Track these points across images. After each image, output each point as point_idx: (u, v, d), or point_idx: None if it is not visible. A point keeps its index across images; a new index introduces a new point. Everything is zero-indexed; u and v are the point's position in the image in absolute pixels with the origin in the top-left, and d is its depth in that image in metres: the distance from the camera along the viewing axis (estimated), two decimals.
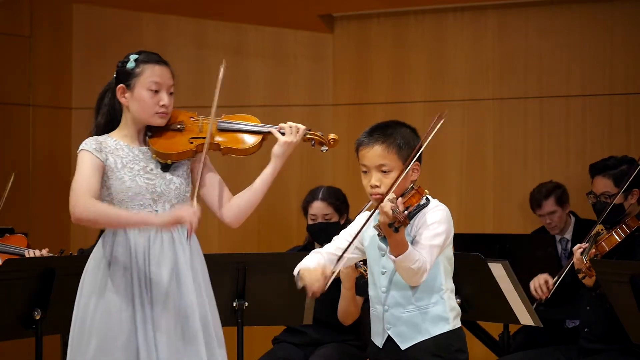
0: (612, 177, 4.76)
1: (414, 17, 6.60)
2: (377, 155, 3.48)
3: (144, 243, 3.50)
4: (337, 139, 3.76)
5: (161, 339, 3.46)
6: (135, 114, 3.57)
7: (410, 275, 3.38)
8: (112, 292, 3.47)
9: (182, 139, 3.62)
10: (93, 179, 3.47)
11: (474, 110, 6.37)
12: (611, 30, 6.15)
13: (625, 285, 4.03)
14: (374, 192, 3.48)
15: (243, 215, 3.71)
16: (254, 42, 6.90)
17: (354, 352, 5.02)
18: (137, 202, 3.51)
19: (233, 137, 3.68)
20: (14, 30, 6.72)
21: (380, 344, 3.55)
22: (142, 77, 3.56)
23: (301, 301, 4.50)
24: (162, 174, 3.57)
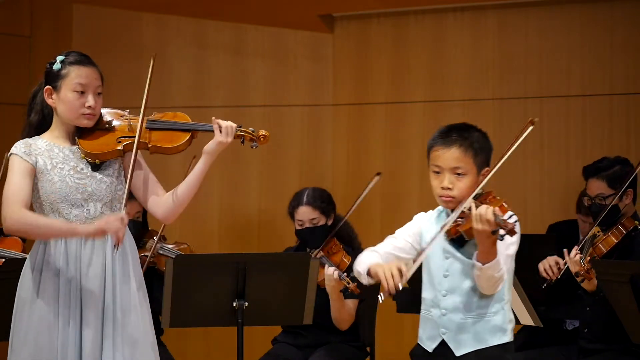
0: (606, 179, 4.76)
1: (414, 17, 6.59)
2: (454, 157, 3.45)
3: (76, 246, 3.53)
4: (268, 135, 3.73)
5: (87, 335, 3.47)
6: (62, 115, 3.60)
7: (491, 284, 3.35)
8: (43, 298, 3.50)
9: (110, 138, 3.63)
10: (24, 186, 3.50)
11: (474, 110, 6.36)
12: (611, 30, 6.15)
13: (625, 285, 4.03)
14: (445, 194, 3.44)
15: (175, 212, 3.69)
16: (254, 42, 6.90)
17: (353, 353, 5.02)
18: (68, 203, 3.53)
19: (161, 136, 3.68)
20: (14, 30, 6.71)
21: (431, 348, 3.47)
22: (68, 78, 3.58)
23: (301, 301, 4.50)
24: (92, 174, 3.59)
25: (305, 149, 6.73)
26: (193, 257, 4.80)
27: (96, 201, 3.55)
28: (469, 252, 3.43)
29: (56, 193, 3.53)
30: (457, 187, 3.44)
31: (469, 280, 3.43)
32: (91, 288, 3.51)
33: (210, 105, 6.72)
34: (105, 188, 3.58)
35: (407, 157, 6.55)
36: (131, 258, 3.62)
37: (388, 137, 6.65)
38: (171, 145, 3.67)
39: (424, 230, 3.54)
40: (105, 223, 3.43)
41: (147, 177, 3.68)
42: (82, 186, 3.55)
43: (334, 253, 4.86)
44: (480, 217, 3.25)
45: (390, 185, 6.57)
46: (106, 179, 3.59)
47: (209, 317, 4.49)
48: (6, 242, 4.79)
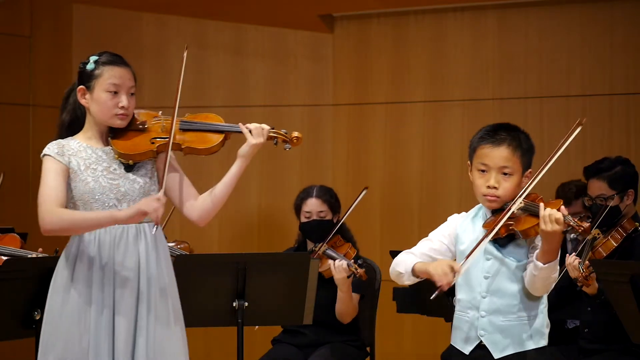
0: (607, 179, 4.74)
1: (414, 17, 6.60)
2: (503, 157, 3.43)
3: (110, 241, 3.53)
4: (301, 137, 3.74)
5: (121, 323, 3.48)
6: (96, 116, 3.59)
7: (546, 285, 3.34)
8: (76, 292, 3.51)
9: (143, 139, 3.62)
10: (58, 187, 3.50)
11: (474, 110, 6.36)
12: (611, 30, 6.15)
13: (625, 285, 4.02)
14: (490, 194, 3.42)
15: (209, 214, 3.70)
16: (254, 42, 6.90)
17: (353, 353, 5.02)
18: (102, 203, 3.53)
19: (195, 137, 3.66)
20: (14, 30, 6.71)
21: (467, 350, 3.43)
22: (101, 78, 3.57)
23: (301, 301, 4.50)
24: (125, 174, 3.58)
25: (305, 149, 6.73)
26: (193, 257, 4.80)
27: (129, 201, 3.55)
28: (512, 253, 3.41)
29: (89, 193, 3.52)
30: (503, 187, 3.42)
31: (511, 281, 3.40)
32: (125, 274, 3.51)
33: (210, 105, 6.72)
34: (139, 189, 3.58)
35: (407, 157, 6.56)
36: (163, 256, 3.62)
37: (388, 137, 6.65)
38: (205, 147, 3.65)
39: (460, 231, 3.51)
40: (144, 204, 3.44)
41: (181, 179, 3.67)
42: (115, 187, 3.55)
43: (339, 246, 4.88)
44: (550, 218, 3.23)
45: (390, 185, 6.57)
46: (139, 179, 3.59)
47: (209, 317, 4.48)
48: (5, 240, 4.79)
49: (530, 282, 3.36)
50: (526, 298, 3.40)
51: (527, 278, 3.37)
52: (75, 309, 3.50)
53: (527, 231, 3.34)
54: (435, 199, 6.36)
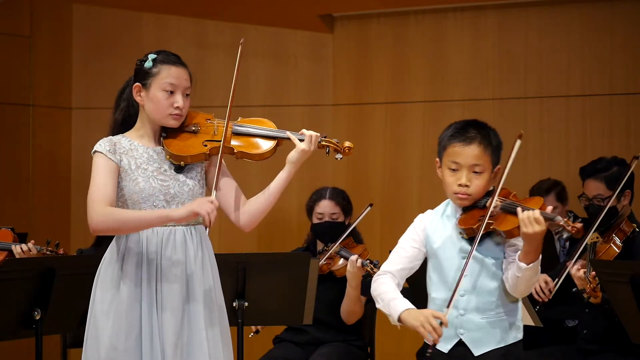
0: (604, 180, 4.73)
1: (414, 17, 6.60)
2: (474, 155, 3.42)
3: (157, 242, 3.51)
4: (352, 147, 3.72)
5: (168, 320, 3.47)
6: (150, 114, 3.57)
7: (530, 286, 3.36)
8: (125, 287, 3.49)
9: (196, 141, 3.60)
10: (108, 185, 3.47)
11: (474, 110, 6.36)
12: (611, 30, 6.15)
13: (625, 285, 4.02)
14: (462, 192, 3.43)
15: (256, 220, 3.69)
16: (254, 42, 6.90)
17: (355, 352, 5.02)
18: (151, 203, 3.51)
19: (248, 142, 3.65)
20: (14, 30, 6.72)
21: (446, 349, 3.43)
22: (158, 77, 3.55)
23: (301, 301, 4.50)
24: (175, 176, 3.56)
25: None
26: None
27: (177, 203, 3.53)
28: (489, 250, 3.41)
29: (139, 193, 3.50)
30: (474, 185, 3.43)
31: (488, 279, 3.41)
32: (173, 273, 3.50)
33: (210, 105, 6.70)
34: (188, 191, 3.56)
35: (407, 157, 6.56)
36: (209, 258, 3.62)
37: (388, 137, 6.65)
38: (257, 152, 3.64)
39: (431, 231, 3.51)
40: (197, 205, 3.41)
41: (231, 184, 3.65)
42: (165, 188, 3.53)
43: (352, 247, 4.89)
44: (530, 220, 3.24)
45: (390, 185, 6.57)
46: (189, 181, 3.57)
47: None
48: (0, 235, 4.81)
49: (513, 284, 3.36)
50: (503, 294, 3.42)
51: (510, 280, 3.37)
52: (124, 304, 3.48)
53: (511, 231, 3.35)
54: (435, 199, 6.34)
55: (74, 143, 6.98)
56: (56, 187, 6.87)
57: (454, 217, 3.50)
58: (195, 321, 3.52)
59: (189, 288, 3.53)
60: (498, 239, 3.42)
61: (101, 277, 3.55)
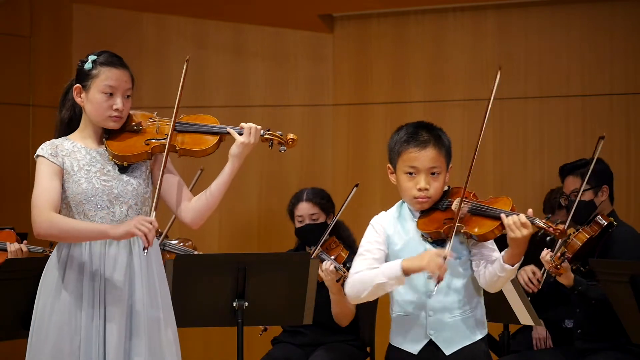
0: (580, 175, 4.75)
1: (414, 17, 6.60)
2: (430, 158, 3.44)
3: (100, 247, 3.52)
4: (296, 139, 3.69)
5: (111, 329, 3.47)
6: (90, 115, 3.57)
7: (505, 283, 3.43)
8: (67, 294, 3.49)
9: (138, 140, 3.59)
10: (52, 189, 3.48)
11: (474, 110, 6.36)
12: (611, 30, 6.15)
13: (625, 285, 4.03)
14: (422, 195, 3.44)
15: (202, 216, 3.67)
16: (254, 42, 6.90)
17: (353, 352, 5.02)
18: (94, 204, 3.51)
19: (190, 138, 3.63)
20: (14, 30, 6.71)
21: (415, 350, 3.45)
22: (98, 79, 3.54)
23: (301, 301, 4.50)
24: (119, 176, 3.56)
25: (305, 149, 6.73)
26: (193, 257, 4.81)
27: (122, 203, 3.53)
28: (454, 250, 3.41)
29: (82, 194, 3.50)
30: (434, 187, 3.46)
31: (454, 278, 3.44)
32: (116, 284, 3.49)
33: (210, 105, 6.72)
34: (132, 190, 3.56)
35: None
36: (154, 256, 3.60)
37: (388, 137, 6.62)
38: (200, 149, 3.62)
39: (391, 233, 3.51)
40: (134, 225, 3.39)
41: (176, 181, 3.64)
42: (108, 188, 3.53)
43: (332, 249, 4.87)
44: (516, 225, 3.27)
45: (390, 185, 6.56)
46: (133, 181, 3.57)
47: (209, 317, 4.49)
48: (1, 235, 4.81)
49: (491, 282, 3.40)
50: (468, 292, 3.45)
51: (487, 278, 3.40)
52: (66, 310, 3.48)
53: (485, 235, 3.37)
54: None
55: None
56: None
57: (411, 220, 3.51)
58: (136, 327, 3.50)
59: (131, 292, 3.51)
60: (462, 239, 3.44)
61: (45, 281, 3.56)
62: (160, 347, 3.54)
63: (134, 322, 3.51)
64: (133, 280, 3.53)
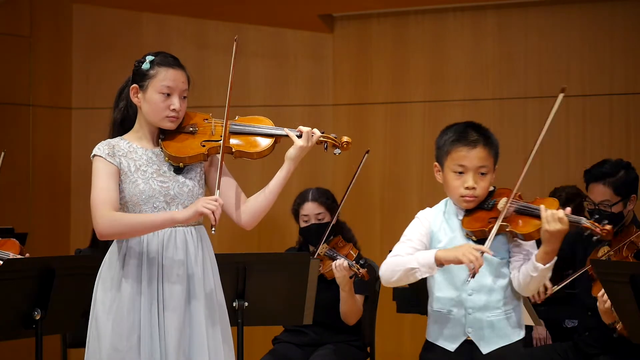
0: (612, 185, 4.60)
1: (414, 17, 6.60)
2: (480, 157, 3.48)
3: (158, 243, 3.52)
4: (350, 142, 3.74)
5: (170, 320, 3.48)
6: (147, 116, 3.57)
7: (540, 284, 3.42)
8: (125, 288, 3.49)
9: (194, 142, 3.60)
10: (111, 188, 3.48)
11: (474, 110, 6.36)
12: (611, 30, 6.15)
13: (625, 285, 4.02)
14: (469, 194, 3.47)
15: (257, 218, 3.69)
16: (254, 42, 6.90)
17: (354, 352, 5.02)
18: (151, 205, 3.52)
19: (246, 140, 3.64)
20: (14, 30, 6.72)
21: (452, 347, 3.48)
22: (155, 79, 3.55)
23: (301, 301, 4.50)
24: (175, 177, 3.56)
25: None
26: None
27: (177, 204, 3.53)
28: (495, 250, 3.43)
29: (139, 195, 3.50)
30: (481, 187, 3.48)
31: (495, 277, 3.45)
32: (174, 273, 3.50)
33: (210, 105, 6.71)
34: (187, 192, 3.56)
35: (407, 157, 6.56)
36: (209, 258, 3.62)
37: (388, 137, 6.65)
38: (256, 151, 3.63)
39: (435, 229, 3.54)
40: (201, 204, 3.41)
41: (231, 183, 3.65)
42: (165, 189, 3.53)
43: (341, 247, 4.88)
44: (553, 217, 3.29)
45: (390, 185, 6.57)
46: (189, 182, 3.57)
47: None
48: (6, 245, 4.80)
49: (524, 283, 3.41)
50: (509, 292, 3.47)
51: (521, 279, 3.41)
52: (126, 304, 3.48)
53: (531, 234, 3.39)
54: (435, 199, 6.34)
55: (74, 143, 6.98)
56: (56, 187, 6.87)
57: (456, 217, 3.53)
58: (196, 321, 3.52)
59: (190, 288, 3.53)
60: (504, 239, 3.44)
61: (102, 277, 3.56)
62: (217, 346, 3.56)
63: (193, 321, 3.52)
64: (191, 277, 3.53)
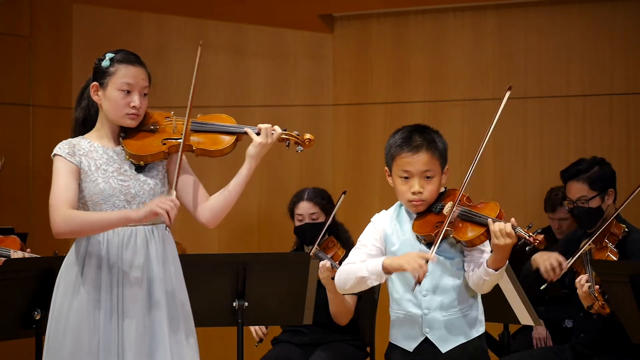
0: (587, 181, 4.69)
1: (414, 17, 6.60)
2: (424, 162, 3.50)
3: (118, 242, 3.51)
4: (313, 139, 3.73)
5: (129, 328, 3.46)
6: (107, 114, 3.57)
7: (493, 285, 3.47)
8: (85, 291, 3.48)
9: (155, 140, 3.59)
10: (69, 187, 3.49)
11: (474, 110, 6.36)
12: (611, 30, 6.15)
13: (625, 285, 4.02)
14: (416, 199, 3.51)
15: (219, 216, 3.67)
16: (254, 42, 6.90)
17: (354, 352, 5.02)
18: (111, 204, 3.51)
19: (207, 138, 3.64)
20: (14, 30, 6.71)
21: (411, 347, 3.53)
22: (115, 76, 3.55)
23: (301, 301, 4.50)
24: (136, 175, 3.56)
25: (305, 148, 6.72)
26: (193, 257, 4.80)
27: (139, 203, 3.53)
28: (446, 252, 3.50)
29: (100, 194, 3.51)
30: (427, 190, 3.52)
31: (449, 277, 3.51)
32: (134, 276, 3.49)
33: (210, 105, 6.72)
34: (149, 190, 3.56)
35: None
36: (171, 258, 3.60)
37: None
38: (217, 148, 3.62)
39: (389, 232, 3.59)
40: (156, 204, 3.40)
41: (193, 181, 3.64)
42: (125, 188, 3.53)
43: (329, 247, 4.89)
44: (502, 233, 3.33)
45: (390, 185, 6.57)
46: (150, 181, 3.57)
47: (209, 317, 4.48)
48: (6, 242, 4.80)
49: (478, 284, 3.48)
50: (464, 291, 3.52)
51: (474, 279, 3.47)
52: (84, 309, 3.47)
53: (472, 241, 3.44)
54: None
55: None
56: None
57: (408, 221, 3.58)
58: (158, 326, 3.51)
59: (150, 292, 3.51)
60: (453, 241, 3.50)
61: (61, 281, 3.55)
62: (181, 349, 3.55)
63: (155, 325, 3.50)
64: (152, 280, 3.52)
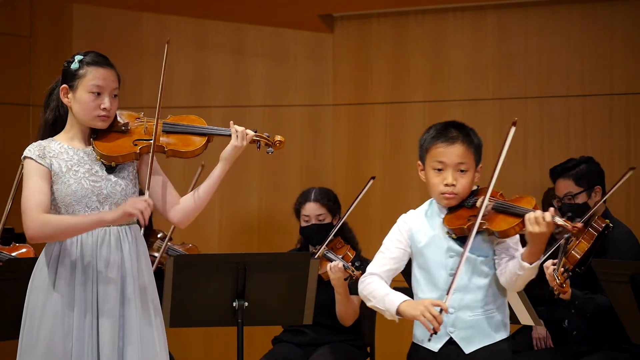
0: (572, 177, 4.77)
1: (414, 17, 6.60)
2: (458, 154, 3.47)
3: (92, 243, 3.51)
4: (284, 141, 3.73)
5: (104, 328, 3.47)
6: (77, 115, 3.58)
7: (526, 282, 3.41)
8: (58, 293, 3.48)
9: (126, 141, 3.61)
10: (42, 191, 3.48)
11: (474, 110, 6.36)
12: (611, 30, 6.15)
13: (625, 285, 4.02)
14: (449, 191, 3.47)
15: (190, 217, 3.68)
16: (254, 42, 6.90)
17: (354, 352, 5.02)
18: (84, 205, 3.52)
19: (178, 139, 3.65)
20: (14, 30, 6.71)
21: (436, 348, 3.48)
22: (85, 79, 3.55)
23: (301, 301, 4.50)
24: (107, 176, 3.57)
25: (305, 149, 6.73)
26: (193, 257, 4.81)
27: (111, 204, 3.54)
28: (477, 249, 3.44)
29: (72, 196, 3.51)
30: (460, 184, 3.47)
31: (476, 277, 3.46)
32: (109, 275, 3.50)
33: (210, 105, 6.73)
34: (120, 191, 3.56)
35: (407, 157, 6.55)
36: (143, 255, 3.62)
37: (388, 137, 6.65)
38: (188, 149, 3.64)
39: (415, 230, 3.54)
40: (130, 205, 3.41)
41: (164, 182, 3.66)
42: (97, 188, 3.53)
43: (338, 248, 4.89)
44: (538, 220, 3.29)
45: (390, 185, 6.57)
46: (121, 181, 3.58)
47: (209, 317, 4.49)
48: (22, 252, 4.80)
49: (510, 280, 3.41)
50: (491, 291, 3.47)
51: (506, 275, 3.42)
52: (58, 310, 3.47)
53: (506, 232, 3.39)
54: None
55: None
56: None
57: (438, 216, 3.54)
58: (129, 322, 3.51)
59: (123, 289, 3.52)
60: (486, 237, 3.46)
61: (35, 280, 3.55)
62: (151, 344, 3.54)
63: (127, 321, 3.51)
64: (125, 278, 3.53)
